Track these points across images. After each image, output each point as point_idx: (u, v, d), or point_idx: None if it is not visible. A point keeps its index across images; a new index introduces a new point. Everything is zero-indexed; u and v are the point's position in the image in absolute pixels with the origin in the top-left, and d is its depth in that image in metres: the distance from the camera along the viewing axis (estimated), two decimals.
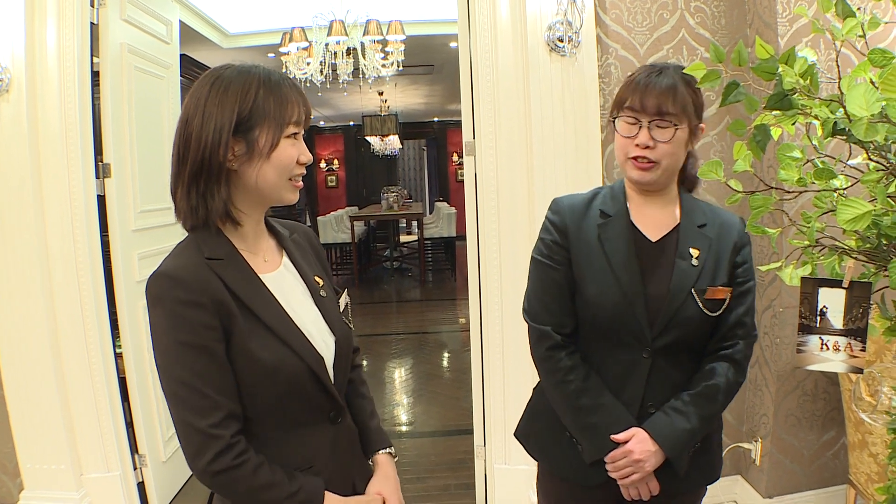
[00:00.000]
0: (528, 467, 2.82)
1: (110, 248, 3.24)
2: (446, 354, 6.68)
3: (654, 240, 1.65)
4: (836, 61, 1.04)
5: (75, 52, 2.93)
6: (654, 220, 1.67)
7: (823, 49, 2.76)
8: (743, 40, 3.06)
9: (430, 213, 14.47)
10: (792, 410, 3.06)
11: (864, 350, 1.06)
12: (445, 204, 13.88)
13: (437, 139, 16.80)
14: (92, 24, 3.05)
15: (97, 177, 3.12)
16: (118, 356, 3.25)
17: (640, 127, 1.56)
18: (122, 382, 3.27)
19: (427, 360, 6.40)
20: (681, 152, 1.58)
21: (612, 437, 1.61)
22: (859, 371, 1.08)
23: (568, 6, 2.80)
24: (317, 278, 1.50)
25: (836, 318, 1.07)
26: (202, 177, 1.29)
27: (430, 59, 9.72)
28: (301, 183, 1.38)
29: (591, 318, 1.63)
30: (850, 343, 1.07)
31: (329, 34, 6.16)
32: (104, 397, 3.11)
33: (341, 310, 1.54)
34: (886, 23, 1.15)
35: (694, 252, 1.61)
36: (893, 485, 1.19)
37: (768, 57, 1.11)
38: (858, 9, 1.15)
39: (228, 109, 1.27)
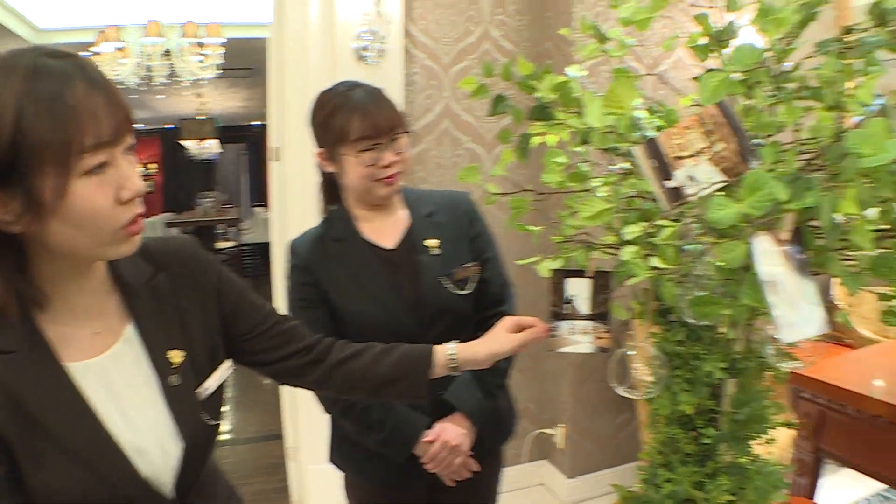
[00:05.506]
0: None
1: None
2: None
3: (390, 247, 1.71)
4: (578, 81, 1.18)
5: None
6: (386, 229, 1.72)
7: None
8: (544, 53, 3.27)
9: (248, 218, 14.16)
10: (589, 396, 3.29)
11: (608, 332, 1.22)
12: (264, 209, 13.67)
13: (256, 143, 16.43)
14: None
15: None
16: None
17: (382, 148, 1.59)
18: None
19: (244, 369, 6.28)
20: None
21: (424, 440, 1.68)
22: (604, 351, 1.24)
23: (375, 16, 2.88)
24: (171, 354, 1.08)
25: (583, 305, 1.22)
26: None
27: (250, 62, 9.52)
28: (139, 226, 0.97)
29: (362, 335, 1.47)
30: (595, 326, 1.23)
31: (145, 35, 5.95)
32: None
33: (208, 394, 1.13)
34: (633, 45, 1.30)
35: (431, 243, 1.70)
36: (651, 449, 1.34)
37: (529, 73, 1.24)
38: (624, 31, 1.30)
39: None
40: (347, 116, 1.57)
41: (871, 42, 0.95)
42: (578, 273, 1.21)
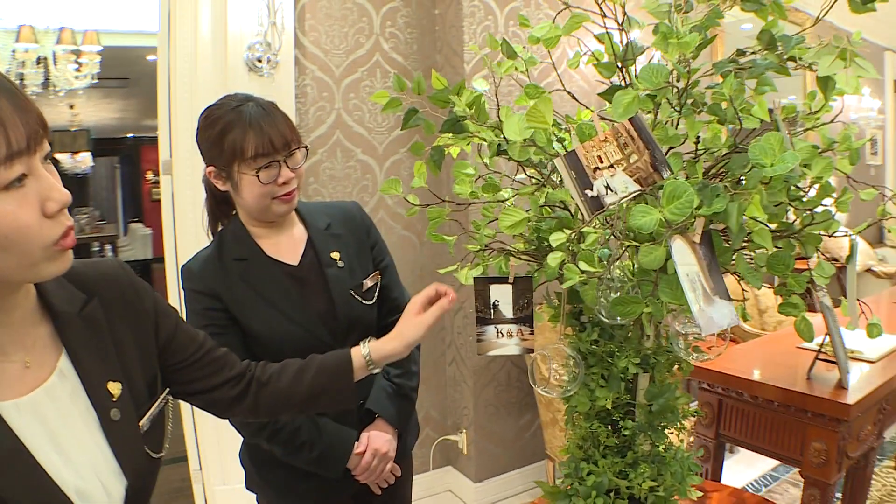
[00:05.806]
0: None
1: None
2: None
3: (295, 263, 1.67)
4: (496, 95, 1.23)
5: None
6: (287, 245, 1.69)
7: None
8: (434, 66, 3.34)
9: (125, 234, 13.62)
10: (490, 400, 3.38)
11: (532, 334, 1.27)
12: (140, 225, 13.20)
13: (131, 156, 15.78)
14: None
15: None
16: None
17: (279, 165, 1.54)
18: None
19: None
20: None
21: (355, 452, 1.69)
22: (530, 351, 1.30)
23: (269, 27, 2.86)
24: (110, 387, 0.98)
25: (507, 309, 1.28)
26: None
27: (126, 72, 9.17)
28: (71, 239, 0.88)
29: (279, 354, 1.43)
30: (520, 329, 1.28)
31: (17, 40, 5.59)
32: None
33: (147, 425, 1.04)
34: (544, 63, 1.37)
35: (335, 256, 1.69)
36: (572, 445, 1.40)
37: (443, 88, 1.28)
38: (524, 47, 1.36)
39: None
40: (242, 133, 1.49)
41: (762, 64, 1.05)
42: (501, 279, 1.26)
